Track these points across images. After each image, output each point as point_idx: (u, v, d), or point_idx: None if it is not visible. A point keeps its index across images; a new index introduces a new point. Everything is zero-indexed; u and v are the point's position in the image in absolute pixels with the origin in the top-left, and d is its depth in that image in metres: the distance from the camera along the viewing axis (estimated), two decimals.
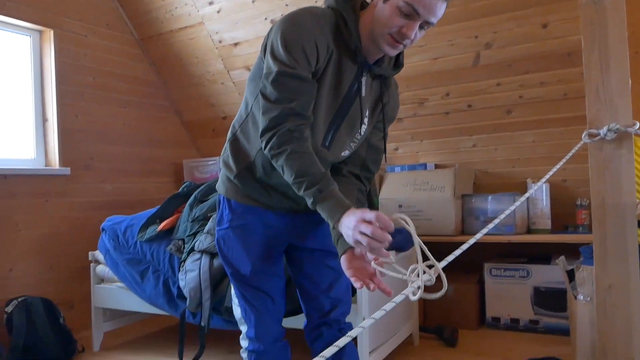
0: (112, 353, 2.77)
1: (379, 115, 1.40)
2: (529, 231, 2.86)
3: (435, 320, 2.93)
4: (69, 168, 3.09)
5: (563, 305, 2.73)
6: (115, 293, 2.74)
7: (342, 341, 0.79)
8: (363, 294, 2.08)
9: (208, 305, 2.23)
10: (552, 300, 2.76)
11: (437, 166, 3.17)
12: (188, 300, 2.27)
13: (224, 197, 1.46)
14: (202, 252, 2.33)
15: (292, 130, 1.19)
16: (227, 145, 1.42)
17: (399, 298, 0.89)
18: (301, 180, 1.18)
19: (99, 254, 2.79)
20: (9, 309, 2.60)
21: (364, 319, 2.03)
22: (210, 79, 3.53)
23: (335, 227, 1.14)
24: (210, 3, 3.19)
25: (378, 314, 0.84)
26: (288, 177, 1.20)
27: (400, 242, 2.42)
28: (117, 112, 3.46)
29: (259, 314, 1.47)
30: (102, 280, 2.83)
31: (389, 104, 1.42)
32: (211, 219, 2.41)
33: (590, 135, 1.85)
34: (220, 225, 1.47)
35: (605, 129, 1.77)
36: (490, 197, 2.82)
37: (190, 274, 2.30)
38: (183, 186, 2.79)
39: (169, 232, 2.56)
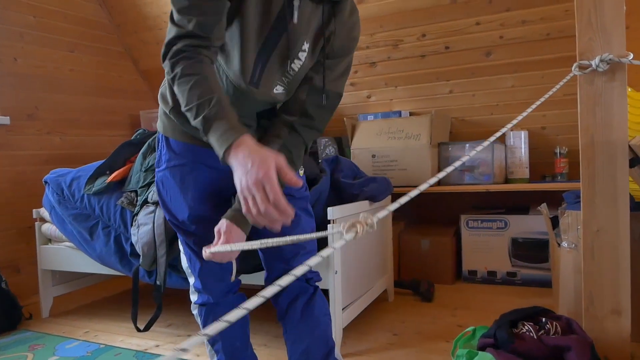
0: (63, 319, 2.56)
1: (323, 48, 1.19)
2: (507, 181, 2.73)
3: (410, 275, 2.81)
4: (8, 117, 2.79)
5: (541, 257, 2.63)
6: (63, 253, 2.52)
7: (286, 280, 0.61)
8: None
9: (164, 261, 2.03)
10: (530, 251, 2.66)
11: (412, 114, 2.99)
12: (141, 257, 2.07)
13: (162, 135, 1.27)
14: (156, 203, 2.12)
15: (182, 51, 1.01)
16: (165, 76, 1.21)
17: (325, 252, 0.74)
18: (191, 107, 0.99)
19: (44, 212, 2.54)
20: None
21: (336, 273, 1.87)
22: (166, 20, 3.23)
23: (225, 159, 0.96)
24: None
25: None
26: (182, 106, 1.02)
27: (374, 191, 2.25)
28: (64, 56, 3.14)
29: (204, 262, 1.29)
30: (49, 240, 2.59)
31: (338, 35, 1.19)
32: None
33: (581, 67, 1.68)
34: (158, 167, 1.29)
35: (597, 59, 1.61)
36: (467, 145, 2.67)
37: (143, 228, 2.08)
38: (136, 134, 2.54)
39: (120, 183, 2.33)
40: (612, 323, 1.59)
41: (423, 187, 1.13)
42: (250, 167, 0.90)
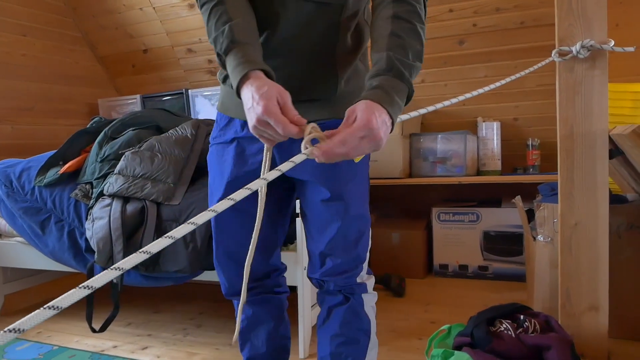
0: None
1: None
2: (479, 173, 2.69)
3: (381, 270, 2.74)
4: None
5: (513, 250, 2.60)
6: (14, 249, 2.35)
7: None
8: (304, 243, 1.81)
9: (120, 258, 1.89)
10: (502, 245, 2.62)
11: None
12: (96, 253, 1.92)
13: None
14: (112, 196, 1.98)
15: None
16: None
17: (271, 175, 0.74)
18: (212, 42, 0.93)
19: None
20: None
21: (305, 269, 1.77)
22: (126, 4, 3.05)
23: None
24: None
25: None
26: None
27: None
28: (16, 40, 2.94)
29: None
30: None
31: None
32: (122, 157, 2.04)
33: (561, 54, 1.62)
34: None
35: (578, 45, 1.55)
36: (440, 136, 2.61)
37: (99, 222, 1.94)
38: (92, 122, 2.38)
39: (74, 175, 2.17)
40: (589, 319, 1.55)
41: (439, 105, 1.06)
42: (251, 105, 0.84)
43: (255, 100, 0.83)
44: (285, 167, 0.75)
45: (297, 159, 0.78)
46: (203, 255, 1.82)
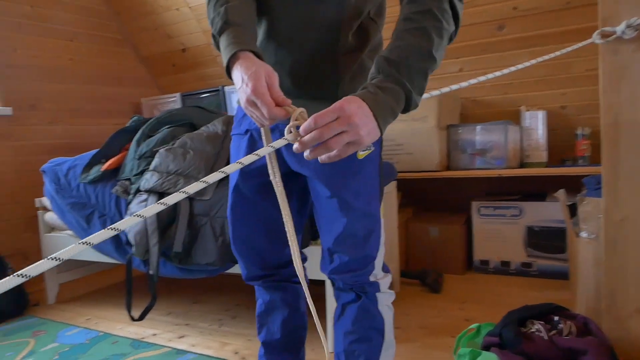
0: (68, 306, 2.54)
1: None
2: (523, 165, 2.57)
3: (418, 265, 2.69)
4: (10, 108, 2.75)
5: (559, 247, 2.47)
6: (66, 241, 2.49)
7: None
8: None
9: (156, 250, 1.95)
10: (547, 240, 2.50)
11: None
12: (134, 246, 2.00)
13: None
14: (148, 191, 2.04)
15: None
16: None
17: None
18: (211, 20, 0.94)
19: (46, 200, 2.51)
20: None
21: None
22: (163, 5, 3.13)
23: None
24: None
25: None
26: None
27: None
28: (63, 45, 3.08)
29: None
30: (52, 228, 2.56)
31: None
32: (157, 154, 2.10)
33: (603, 35, 1.52)
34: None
35: (623, 25, 1.44)
36: (479, 127, 2.51)
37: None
38: (131, 121, 2.46)
39: (114, 172, 2.26)
40: (636, 323, 1.44)
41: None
42: (241, 85, 0.85)
43: (244, 81, 0.83)
44: (263, 151, 0.76)
45: (277, 143, 0.78)
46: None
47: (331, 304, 1.80)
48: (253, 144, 1.12)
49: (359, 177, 1.07)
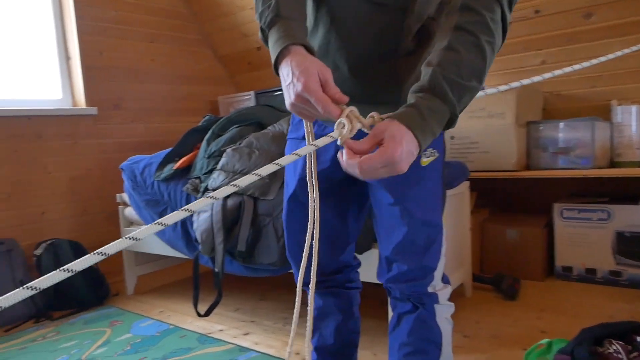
0: (145, 297, 2.67)
1: None
2: (613, 165, 2.34)
3: (494, 269, 2.54)
4: (96, 108, 2.94)
5: None
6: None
7: None
8: None
9: (221, 249, 1.99)
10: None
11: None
12: (200, 244, 2.05)
13: None
14: (215, 190, 2.08)
15: None
16: None
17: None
18: (260, 14, 0.90)
19: (126, 196, 2.65)
20: (38, 252, 2.55)
21: None
22: (239, 5, 3.19)
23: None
24: None
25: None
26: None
27: (446, 178, 2.02)
28: (145, 47, 3.24)
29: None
30: (131, 223, 2.70)
31: None
32: (224, 153, 2.14)
33: None
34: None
35: None
36: (562, 124, 2.32)
37: (203, 215, 2.06)
38: (203, 120, 2.53)
39: (186, 170, 2.34)
40: None
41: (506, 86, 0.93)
42: (290, 81, 0.80)
43: (295, 76, 0.79)
44: (303, 150, 0.75)
45: (321, 141, 0.77)
46: None
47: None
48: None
49: (422, 184, 1.03)
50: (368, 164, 0.74)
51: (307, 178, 1.02)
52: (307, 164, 1.03)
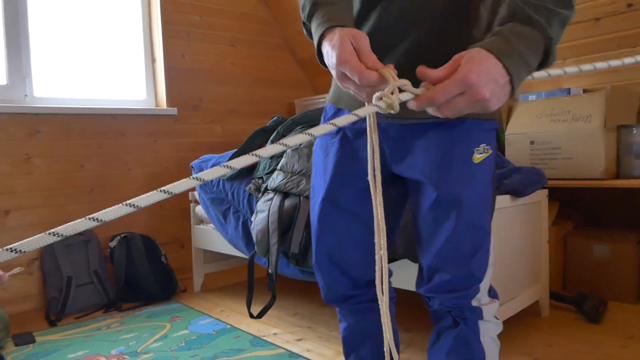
0: (209, 295, 2.73)
1: None
2: None
3: (578, 288, 2.29)
4: (175, 108, 3.07)
5: None
6: (211, 234, 2.67)
7: None
8: None
9: (275, 250, 1.97)
10: None
11: (585, 91, 2.42)
12: (256, 244, 2.04)
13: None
14: (274, 190, 2.07)
15: None
16: None
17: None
18: (302, 7, 0.86)
19: (196, 194, 2.73)
20: (112, 244, 2.69)
21: None
22: None
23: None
24: None
25: None
26: None
27: (517, 184, 1.85)
28: (226, 50, 3.34)
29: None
30: (200, 220, 2.78)
31: None
32: (285, 154, 2.12)
33: None
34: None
35: None
36: None
37: (260, 215, 2.05)
38: (271, 121, 2.54)
39: (251, 170, 2.35)
40: None
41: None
42: (330, 58, 0.76)
43: (329, 55, 0.74)
44: (342, 120, 0.65)
45: (362, 111, 0.67)
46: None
47: None
48: (348, 147, 1.00)
49: (474, 183, 0.92)
50: (443, 91, 0.66)
51: (369, 177, 0.91)
52: (368, 163, 0.91)
